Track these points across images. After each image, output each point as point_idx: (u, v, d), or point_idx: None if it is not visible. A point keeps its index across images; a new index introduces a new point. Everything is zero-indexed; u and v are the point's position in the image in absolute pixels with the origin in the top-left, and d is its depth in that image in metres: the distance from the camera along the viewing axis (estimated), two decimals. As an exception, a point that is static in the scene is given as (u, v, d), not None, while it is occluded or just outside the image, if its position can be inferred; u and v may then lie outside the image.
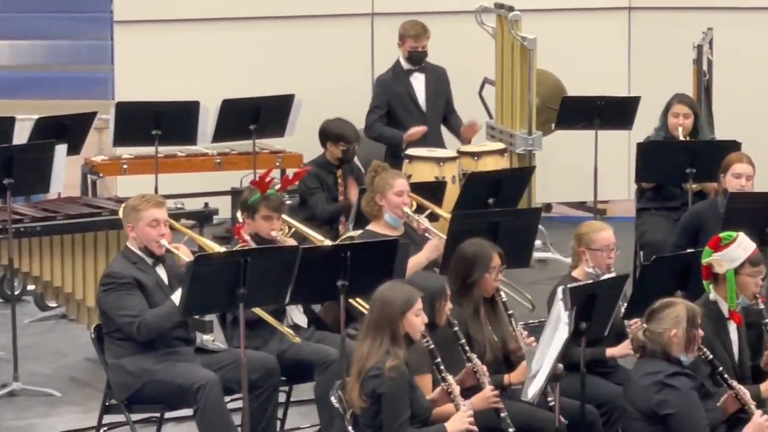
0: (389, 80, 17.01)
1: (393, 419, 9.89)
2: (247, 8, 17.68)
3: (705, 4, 17.88)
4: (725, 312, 10.89)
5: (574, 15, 18.13)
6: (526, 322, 12.02)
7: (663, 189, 15.13)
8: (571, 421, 10.79)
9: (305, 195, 14.99)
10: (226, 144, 16.53)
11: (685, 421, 9.89)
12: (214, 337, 12.40)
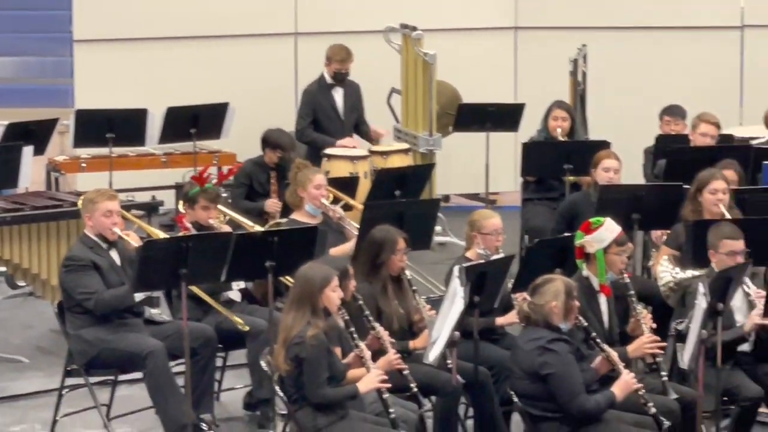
0: (315, 92, 16.96)
1: (313, 380, 9.84)
2: (187, 29, 17.58)
3: (579, 24, 17.87)
4: (596, 286, 10.90)
5: (468, 33, 18.09)
6: (428, 296, 11.99)
7: (544, 182, 15.15)
8: (467, 381, 10.79)
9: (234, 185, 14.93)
10: (170, 145, 16.46)
11: (563, 380, 9.86)
12: (161, 310, 12.28)
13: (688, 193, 12.63)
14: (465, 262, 11.10)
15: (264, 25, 17.92)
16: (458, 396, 10.89)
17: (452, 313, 10.40)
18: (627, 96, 17.31)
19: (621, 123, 16.28)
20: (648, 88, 16.99)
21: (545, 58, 17.82)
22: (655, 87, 16.83)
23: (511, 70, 18.45)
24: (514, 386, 10.33)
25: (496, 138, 17.01)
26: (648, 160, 15.25)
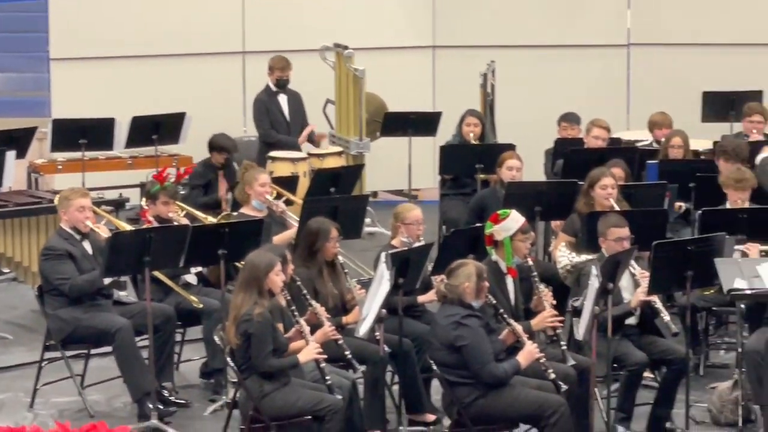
0: (265, 99, 16.96)
1: (259, 352, 9.88)
2: (150, 48, 17.54)
3: (488, 43, 17.86)
4: (504, 269, 10.95)
5: (393, 51, 18.09)
6: (358, 278, 12.02)
7: (459, 179, 15.19)
8: (392, 351, 10.84)
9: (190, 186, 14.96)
10: (135, 149, 16.40)
11: (475, 350, 9.91)
12: (127, 293, 12.32)
13: (581, 189, 12.72)
14: (391, 249, 11.13)
15: (217, 45, 17.89)
16: (385, 364, 10.92)
17: (380, 293, 10.47)
18: (529, 105, 17.35)
19: (524, 128, 16.31)
20: (547, 98, 17.03)
21: (459, 72, 17.84)
22: (554, 97, 16.87)
23: (429, 83, 18.46)
24: (433, 356, 10.37)
25: (417, 142, 17.02)
26: (548, 160, 15.34)
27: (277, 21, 17.89)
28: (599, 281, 10.31)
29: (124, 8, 17.50)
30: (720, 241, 11.32)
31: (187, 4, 17.67)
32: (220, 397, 11.61)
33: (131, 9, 17.51)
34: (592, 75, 18.10)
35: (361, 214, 13.70)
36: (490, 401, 10.06)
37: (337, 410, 10.07)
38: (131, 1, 17.53)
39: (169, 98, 16.70)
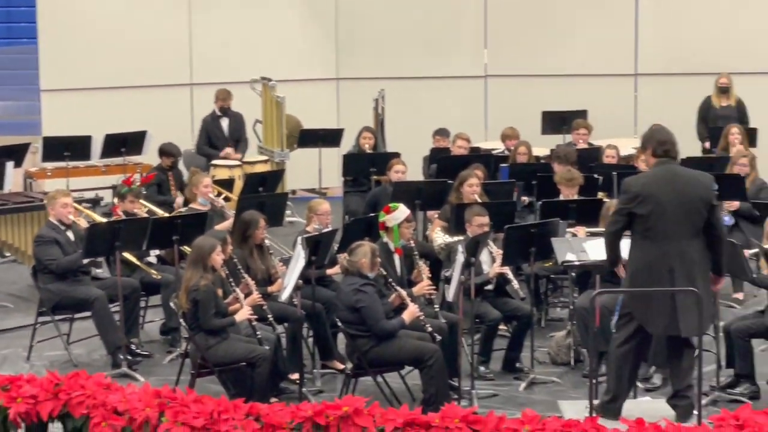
0: (209, 121, 16.90)
1: (204, 314, 9.91)
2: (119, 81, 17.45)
3: (379, 75, 17.83)
4: (392, 248, 10.98)
5: (306, 82, 18.11)
6: (281, 257, 12.00)
7: (357, 180, 15.16)
8: (307, 312, 10.82)
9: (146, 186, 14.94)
10: (107, 160, 16.29)
11: (370, 310, 9.95)
12: (102, 270, 12.25)
13: (453, 186, 12.76)
14: (305, 234, 11.13)
15: (170, 79, 17.80)
16: (302, 323, 10.88)
17: (297, 268, 10.46)
18: (411, 122, 17.29)
19: (407, 140, 16.29)
20: (424, 117, 17.03)
21: (357, 98, 17.81)
22: (429, 116, 16.85)
23: (334, 106, 18.46)
24: (338, 315, 10.36)
25: (325, 151, 17.05)
26: (425, 165, 15.37)
27: (217, 59, 17.79)
28: (464, 257, 10.37)
29: (99, 50, 17.36)
30: (555, 225, 11.45)
31: (146, 48, 17.52)
32: (175, 350, 11.55)
33: (105, 51, 17.36)
34: (458, 99, 18.15)
35: (283, 208, 13.67)
36: (382, 349, 10.09)
37: (266, 358, 10.06)
38: (105, 44, 17.36)
39: (134, 120, 16.58)
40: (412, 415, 8.86)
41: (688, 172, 9.25)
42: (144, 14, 17.62)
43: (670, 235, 8.96)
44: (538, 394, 10.63)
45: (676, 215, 8.97)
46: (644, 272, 9.08)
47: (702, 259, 9.09)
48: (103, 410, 9.28)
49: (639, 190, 8.99)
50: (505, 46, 18.46)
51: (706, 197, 9.06)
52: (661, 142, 9.22)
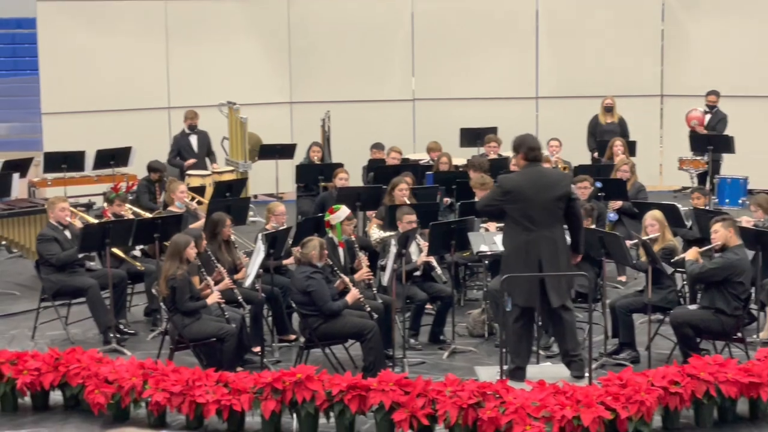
0: (179, 138, 16.79)
1: (180, 299, 9.88)
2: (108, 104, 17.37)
3: (326, 99, 17.87)
4: (337, 242, 10.99)
5: (265, 105, 18.03)
6: (245, 250, 11.98)
7: (308, 186, 15.11)
8: (267, 296, 10.82)
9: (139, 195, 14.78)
10: (99, 171, 16.19)
11: (319, 293, 9.96)
12: (95, 263, 12.19)
13: (387, 190, 12.79)
14: (265, 231, 11.12)
15: (151, 102, 17.74)
16: (263, 304, 10.88)
17: (258, 259, 10.43)
18: (352, 138, 17.27)
19: (349, 153, 16.31)
20: (363, 133, 16.98)
21: (307, 118, 17.80)
22: (366, 132, 16.83)
23: (288, 125, 18.42)
24: (293, 298, 10.39)
25: (282, 163, 17.02)
26: (364, 173, 15.33)
27: (190, 86, 17.74)
28: (397, 248, 10.40)
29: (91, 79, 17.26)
30: (471, 222, 11.50)
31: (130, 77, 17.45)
32: (156, 328, 11.46)
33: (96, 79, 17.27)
34: (390, 118, 18.18)
35: (246, 210, 13.66)
36: (329, 326, 10.10)
37: (233, 334, 10.05)
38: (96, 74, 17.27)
39: (121, 137, 16.49)
40: (354, 380, 8.92)
41: (551, 172, 10.01)
42: (129, 49, 17.50)
43: (537, 223, 9.38)
44: (458, 361, 10.67)
45: (542, 208, 9.39)
46: (517, 255, 9.45)
47: (563, 242, 9.53)
48: (96, 380, 9.28)
49: (511, 188, 9.47)
50: (429, 75, 18.53)
51: (566, 193, 9.51)
52: (531, 148, 9.67)
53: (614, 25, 18.22)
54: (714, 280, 10.00)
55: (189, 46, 17.88)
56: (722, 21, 17.88)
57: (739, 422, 8.96)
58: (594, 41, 18.21)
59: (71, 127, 17.07)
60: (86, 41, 17.36)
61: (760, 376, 8.90)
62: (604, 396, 8.46)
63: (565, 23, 18.32)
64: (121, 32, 17.57)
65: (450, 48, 18.32)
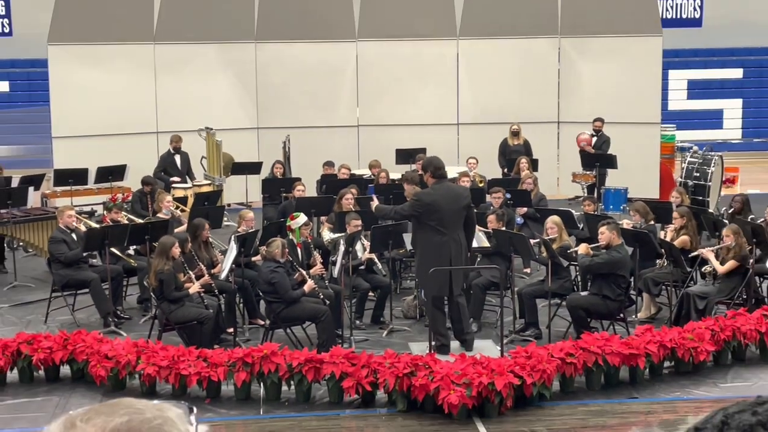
0: (166, 157, 16.62)
1: (167, 289, 9.79)
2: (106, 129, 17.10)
3: (287, 125, 17.72)
4: (296, 243, 10.94)
5: (236, 130, 17.88)
6: (221, 248, 11.91)
7: (272, 196, 14.96)
8: (238, 286, 10.77)
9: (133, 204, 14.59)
10: (99, 184, 15.97)
11: (281, 285, 9.91)
12: (97, 260, 12.03)
13: (336, 200, 12.74)
14: (237, 233, 11.04)
15: (143, 127, 17.53)
16: (235, 293, 10.83)
17: (231, 256, 10.42)
18: (307, 157, 17.14)
19: (306, 169, 16.23)
20: (316, 153, 16.86)
21: (271, 140, 17.67)
22: (320, 152, 16.70)
23: (256, 146, 18.26)
24: (260, 288, 10.36)
25: (251, 177, 16.88)
26: (318, 186, 15.21)
27: (175, 114, 17.58)
28: (345, 247, 10.40)
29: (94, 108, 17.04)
30: (405, 225, 11.36)
31: (126, 106, 17.25)
32: (147, 314, 11.35)
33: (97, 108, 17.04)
34: (340, 140, 18.07)
35: (221, 216, 13.53)
36: (289, 311, 10.08)
37: (210, 318, 10.01)
38: (97, 104, 17.05)
39: (117, 157, 16.27)
40: (310, 354, 8.91)
41: (456, 188, 10.34)
42: (124, 83, 17.32)
43: (448, 228, 9.68)
44: (395, 338, 10.69)
45: (451, 216, 9.67)
46: (432, 254, 9.69)
47: (464, 243, 9.82)
48: (98, 356, 9.19)
49: (430, 202, 9.74)
50: (371, 105, 18.49)
51: (466, 203, 9.85)
52: (437, 167, 9.87)
53: (520, 65, 18.33)
54: (601, 272, 10.11)
55: (174, 81, 17.73)
56: (606, 62, 18.06)
57: (621, 386, 9.07)
58: (504, 78, 18.31)
59: (76, 149, 16.85)
60: (89, 77, 17.19)
61: (638, 348, 9.01)
62: (513, 366, 8.52)
63: (481, 63, 18.40)
64: (118, 70, 17.40)
65: (387, 84, 18.33)
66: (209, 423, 8.40)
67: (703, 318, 9.88)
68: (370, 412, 8.58)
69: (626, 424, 8.28)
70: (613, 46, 18.02)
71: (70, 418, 1.12)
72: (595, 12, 18.13)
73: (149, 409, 1.12)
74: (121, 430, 1.08)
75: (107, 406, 1.14)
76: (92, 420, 1.10)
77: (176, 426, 1.11)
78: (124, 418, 1.10)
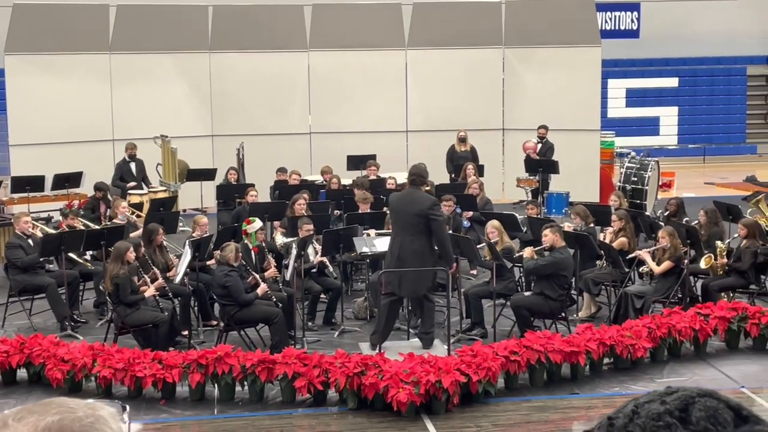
0: (122, 164, 16.54)
1: (123, 293, 9.69)
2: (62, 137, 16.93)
3: (241, 133, 17.69)
4: (251, 247, 10.87)
5: (192, 138, 17.78)
6: (176, 253, 11.80)
7: (227, 201, 14.91)
8: (193, 289, 10.68)
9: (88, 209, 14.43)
10: (56, 191, 15.78)
11: (235, 288, 9.81)
12: (54, 265, 11.88)
13: (288, 205, 12.70)
14: (192, 238, 10.96)
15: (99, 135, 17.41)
16: (190, 296, 10.74)
17: (185, 260, 10.32)
18: (261, 163, 17.07)
19: (258, 175, 16.14)
20: (270, 160, 16.77)
21: (226, 147, 17.60)
22: (274, 160, 16.63)
23: (210, 153, 18.17)
24: (214, 291, 10.31)
25: (205, 183, 16.82)
26: (271, 192, 15.00)
27: (130, 122, 17.46)
28: (297, 251, 10.37)
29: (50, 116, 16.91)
30: (356, 229, 11.53)
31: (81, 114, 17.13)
32: (103, 317, 11.22)
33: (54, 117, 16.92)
34: (292, 148, 18.02)
35: (176, 221, 13.36)
36: (243, 313, 10.02)
37: (165, 321, 9.93)
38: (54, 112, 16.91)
39: (73, 164, 16.10)
40: (263, 355, 8.88)
41: (415, 195, 9.94)
42: (79, 92, 17.21)
43: (398, 230, 9.79)
44: (346, 339, 10.66)
45: (401, 219, 9.76)
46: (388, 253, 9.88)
47: (419, 249, 9.69)
48: (55, 359, 9.07)
49: (389, 203, 9.89)
50: (322, 113, 18.50)
51: (422, 212, 9.68)
52: (412, 174, 9.92)
53: (466, 74, 18.45)
54: (544, 273, 10.19)
55: (129, 90, 17.62)
56: (548, 71, 18.25)
57: (563, 382, 9.15)
58: (450, 87, 18.42)
59: (33, 156, 16.66)
60: (45, 86, 17.02)
61: (579, 346, 9.10)
62: (460, 364, 8.55)
63: (428, 73, 18.50)
64: (74, 79, 17.25)
65: (338, 92, 18.35)
66: (163, 423, 8.37)
67: (641, 316, 10.01)
68: (322, 410, 8.56)
69: (568, 419, 8.36)
70: (554, 57, 18.21)
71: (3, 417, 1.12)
72: (537, 23, 18.31)
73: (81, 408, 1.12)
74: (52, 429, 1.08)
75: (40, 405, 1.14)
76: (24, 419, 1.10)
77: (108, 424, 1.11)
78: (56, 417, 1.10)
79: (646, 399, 1.20)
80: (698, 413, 1.16)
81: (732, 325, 9.85)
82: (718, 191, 18.05)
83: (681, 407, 1.17)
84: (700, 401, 1.19)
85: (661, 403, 1.16)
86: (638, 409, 1.16)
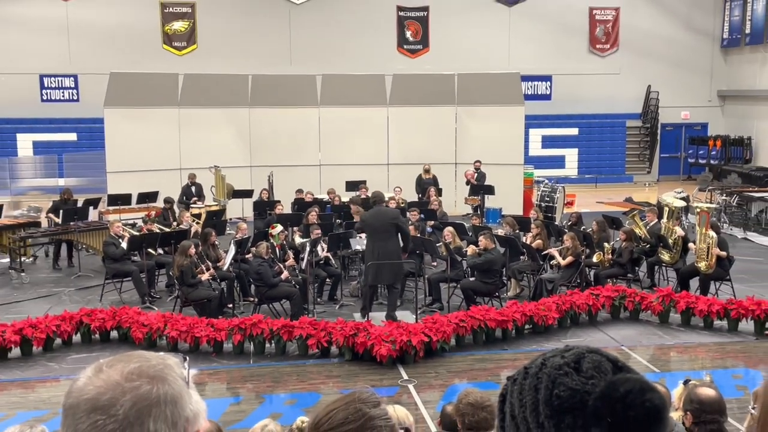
0: (185, 187, 16.04)
1: (186, 277, 9.51)
2: (141, 165, 16.66)
3: (272, 164, 17.57)
4: (276, 245, 10.72)
5: (236, 168, 17.61)
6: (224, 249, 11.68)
7: (261, 213, 14.70)
8: (236, 275, 10.52)
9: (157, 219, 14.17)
10: (139, 205, 15.45)
11: (265, 274, 9.64)
12: (137, 257, 11.69)
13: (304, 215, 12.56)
14: (235, 239, 10.84)
15: (170, 164, 17.14)
16: (234, 280, 10.56)
17: (231, 254, 10.26)
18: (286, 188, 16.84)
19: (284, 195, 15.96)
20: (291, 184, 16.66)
21: (260, 175, 17.33)
22: (292, 184, 16.55)
23: (249, 179, 17.84)
24: (251, 276, 10.13)
25: (246, 201, 16.63)
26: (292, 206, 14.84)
27: (193, 154, 17.28)
28: (310, 247, 10.26)
29: (135, 152, 16.68)
30: (351, 232, 11.44)
31: (157, 149, 16.90)
32: (172, 294, 11.11)
33: (137, 152, 16.71)
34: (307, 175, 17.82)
35: (224, 227, 13.17)
36: (271, 292, 9.92)
37: (216, 297, 9.88)
38: (137, 149, 16.72)
39: (152, 185, 15.89)
40: (285, 322, 8.84)
41: (382, 210, 9.84)
42: (157, 133, 17.02)
43: (375, 237, 9.56)
44: (345, 311, 10.59)
45: (377, 229, 9.52)
46: (369, 254, 9.64)
47: (391, 249, 9.57)
48: (137, 324, 9.01)
49: (364, 219, 9.68)
50: (329, 150, 18.40)
51: (392, 221, 9.58)
52: (373, 197, 9.89)
53: (430, 124, 18.48)
54: (481, 269, 10.21)
55: (192, 133, 17.48)
56: (486, 123, 18.26)
57: (496, 342, 9.16)
58: (419, 133, 18.43)
59: (123, 180, 16.48)
60: (132, 130, 16.88)
61: (508, 316, 9.12)
62: (424, 328, 8.56)
63: (403, 123, 18.48)
64: (153, 125, 17.11)
65: (340, 136, 18.32)
66: (214, 370, 8.32)
67: (551, 296, 10.03)
68: (327, 361, 8.55)
69: (499, 368, 8.38)
70: (491, 113, 18.28)
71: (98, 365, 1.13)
72: (479, 89, 18.41)
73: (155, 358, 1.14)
74: (134, 372, 1.09)
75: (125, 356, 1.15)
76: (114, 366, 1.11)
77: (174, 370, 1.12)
78: (136, 364, 1.11)
79: (551, 354, 1.21)
80: (587, 364, 1.18)
81: (615, 302, 9.91)
82: (606, 208, 18.12)
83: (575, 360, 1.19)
84: (589, 356, 1.20)
85: (561, 357, 1.18)
86: (545, 361, 1.18)
